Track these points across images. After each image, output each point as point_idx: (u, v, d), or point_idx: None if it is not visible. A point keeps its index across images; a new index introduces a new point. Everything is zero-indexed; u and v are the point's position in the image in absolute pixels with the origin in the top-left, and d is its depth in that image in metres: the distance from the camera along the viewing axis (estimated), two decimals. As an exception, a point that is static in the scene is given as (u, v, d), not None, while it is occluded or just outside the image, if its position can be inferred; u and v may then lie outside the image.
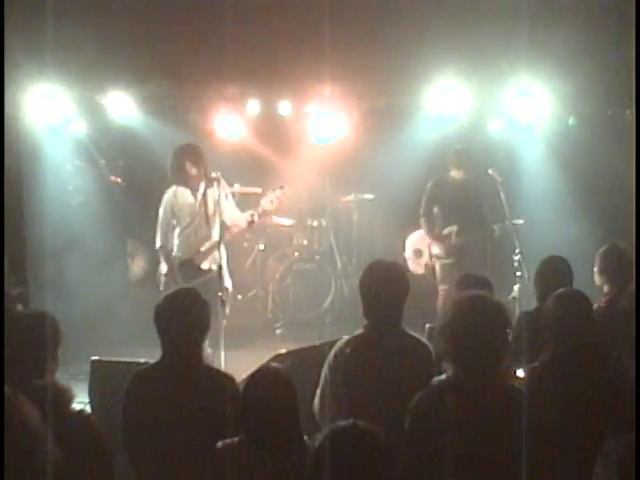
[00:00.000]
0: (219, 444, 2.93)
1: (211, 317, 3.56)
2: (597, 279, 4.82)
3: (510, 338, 2.98)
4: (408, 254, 7.71)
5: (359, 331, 3.58)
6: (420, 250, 7.58)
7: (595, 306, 4.59)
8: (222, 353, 5.62)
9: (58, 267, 7.35)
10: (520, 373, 3.60)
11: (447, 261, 7.20)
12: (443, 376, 2.93)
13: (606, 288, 4.75)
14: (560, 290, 3.69)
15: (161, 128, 7.70)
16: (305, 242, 8.28)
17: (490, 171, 6.89)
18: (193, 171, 6.15)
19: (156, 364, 3.46)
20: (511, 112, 7.56)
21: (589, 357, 3.47)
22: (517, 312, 5.38)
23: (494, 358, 2.84)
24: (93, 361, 4.68)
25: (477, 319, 2.83)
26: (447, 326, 2.90)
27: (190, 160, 6.15)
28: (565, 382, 3.36)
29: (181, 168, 6.17)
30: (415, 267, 7.58)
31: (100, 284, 7.88)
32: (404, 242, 7.81)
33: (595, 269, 4.82)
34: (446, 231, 7.23)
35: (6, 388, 2.19)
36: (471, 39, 6.80)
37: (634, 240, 4.85)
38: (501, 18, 6.76)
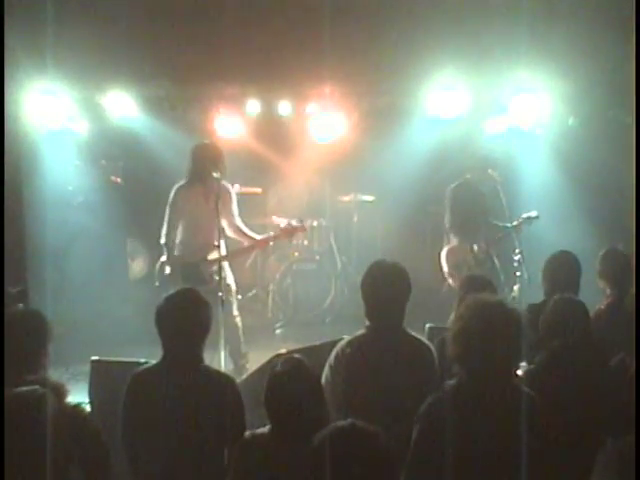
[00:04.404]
0: (247, 434, 2.99)
1: (211, 318, 3.56)
2: (598, 281, 4.82)
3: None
4: (448, 270, 6.75)
5: (360, 331, 3.58)
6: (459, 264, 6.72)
7: (596, 308, 4.61)
8: (222, 353, 5.61)
9: (58, 267, 7.34)
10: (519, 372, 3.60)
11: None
12: (453, 380, 2.89)
13: (607, 290, 4.75)
14: (556, 296, 3.72)
15: (161, 128, 7.70)
16: (305, 242, 8.27)
17: (490, 171, 6.85)
18: (212, 172, 5.89)
19: (156, 364, 3.47)
20: (511, 112, 7.56)
21: (587, 359, 3.47)
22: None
23: (507, 364, 2.82)
24: (93, 361, 4.67)
25: (493, 325, 2.78)
26: (461, 331, 2.86)
27: (211, 160, 5.98)
28: (562, 384, 3.35)
29: (200, 167, 6.01)
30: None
31: (100, 284, 7.88)
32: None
33: (596, 272, 4.82)
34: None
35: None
36: (471, 39, 6.80)
37: (634, 240, 4.86)
38: (501, 18, 6.76)
